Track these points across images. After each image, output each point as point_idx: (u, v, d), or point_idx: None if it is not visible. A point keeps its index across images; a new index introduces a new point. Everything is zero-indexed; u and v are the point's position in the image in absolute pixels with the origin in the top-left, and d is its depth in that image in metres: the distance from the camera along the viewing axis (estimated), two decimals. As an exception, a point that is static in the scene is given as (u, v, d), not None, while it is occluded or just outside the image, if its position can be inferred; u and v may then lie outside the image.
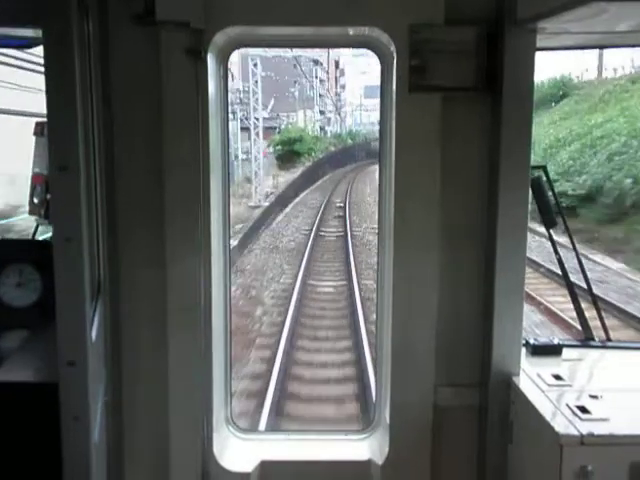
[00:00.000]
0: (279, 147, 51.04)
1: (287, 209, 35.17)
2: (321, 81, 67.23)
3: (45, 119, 2.61)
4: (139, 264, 3.78)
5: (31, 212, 3.87)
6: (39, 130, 3.72)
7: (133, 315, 3.80)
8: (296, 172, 45.88)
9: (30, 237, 4.00)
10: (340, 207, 34.97)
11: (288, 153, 50.49)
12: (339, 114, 76.66)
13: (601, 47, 6.93)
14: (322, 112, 70.84)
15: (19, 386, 2.85)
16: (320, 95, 67.93)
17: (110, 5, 3.53)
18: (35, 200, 3.78)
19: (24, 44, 3.59)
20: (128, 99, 3.65)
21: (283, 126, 56.52)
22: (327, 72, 68.52)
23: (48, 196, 3.76)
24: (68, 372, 2.64)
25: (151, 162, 3.68)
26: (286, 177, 43.44)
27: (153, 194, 3.70)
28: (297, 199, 38.64)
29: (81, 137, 2.64)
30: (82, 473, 2.72)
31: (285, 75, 52.41)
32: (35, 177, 3.84)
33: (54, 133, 2.59)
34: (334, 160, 55.49)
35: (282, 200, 35.87)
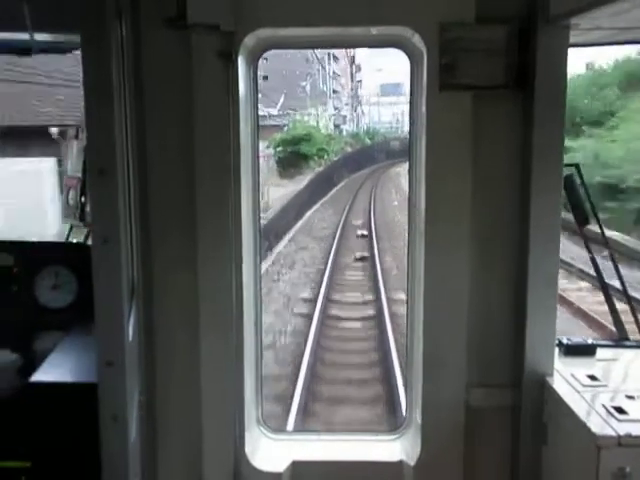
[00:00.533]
0: (280, 148, 39.24)
1: (279, 247, 22.22)
2: (336, 76, 64.27)
3: (78, 124, 2.65)
4: (172, 266, 3.82)
5: (65, 214, 3.93)
6: (74, 134, 3.78)
7: (166, 316, 3.84)
8: (302, 180, 34.92)
9: (64, 239, 4.06)
10: (363, 236, 23.66)
11: (293, 155, 39.67)
12: (355, 111, 73.24)
13: (634, 43, 6.83)
14: (337, 109, 66.59)
15: (57, 386, 2.90)
16: (335, 91, 64.65)
17: (142, 9, 3.57)
18: (70, 203, 3.84)
19: (62, 50, 3.65)
20: (160, 102, 3.69)
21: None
22: (349, 60, 64.82)
23: (82, 199, 3.82)
24: (107, 372, 2.67)
25: (183, 165, 3.72)
26: (288, 188, 31.67)
27: (185, 197, 3.73)
28: (299, 224, 27.14)
29: (118, 140, 2.68)
30: (120, 472, 2.75)
31: (297, 70, 47.01)
32: (69, 180, 3.90)
33: (92, 137, 2.63)
34: (351, 162, 49.40)
35: (274, 229, 22.54)
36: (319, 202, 32.85)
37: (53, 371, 3.00)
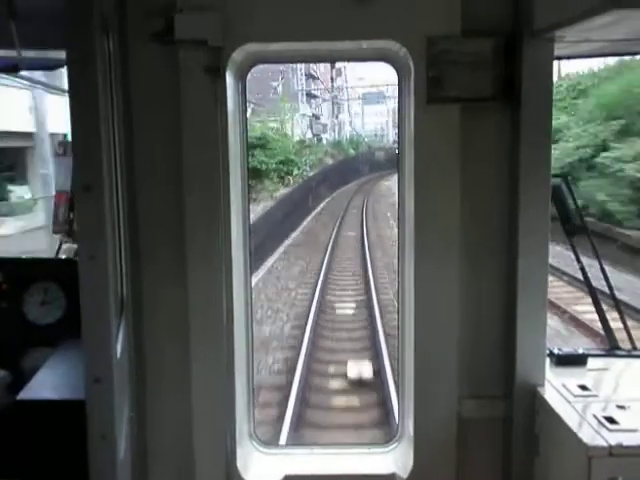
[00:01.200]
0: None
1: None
2: (313, 78, 60.07)
3: (67, 139, 2.65)
4: (161, 282, 3.81)
5: (55, 231, 3.92)
6: (62, 150, 3.78)
7: (156, 332, 3.82)
8: (258, 207, 23.12)
9: (54, 255, 4.05)
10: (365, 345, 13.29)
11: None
12: (337, 118, 70.07)
13: (624, 54, 6.88)
14: (317, 117, 62.33)
15: (45, 404, 2.87)
16: (313, 95, 59.84)
17: (130, 24, 3.58)
18: (59, 219, 3.83)
19: (49, 66, 3.65)
20: (148, 117, 3.70)
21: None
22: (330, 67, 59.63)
23: (71, 215, 3.81)
24: (95, 389, 2.66)
25: (172, 180, 3.72)
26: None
27: (174, 212, 3.73)
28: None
29: (105, 156, 2.68)
30: None
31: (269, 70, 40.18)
32: (58, 196, 3.89)
33: (79, 153, 2.63)
34: (334, 176, 43.75)
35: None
36: (282, 246, 21.47)
37: (41, 388, 2.98)
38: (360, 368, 11.77)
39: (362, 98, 72.65)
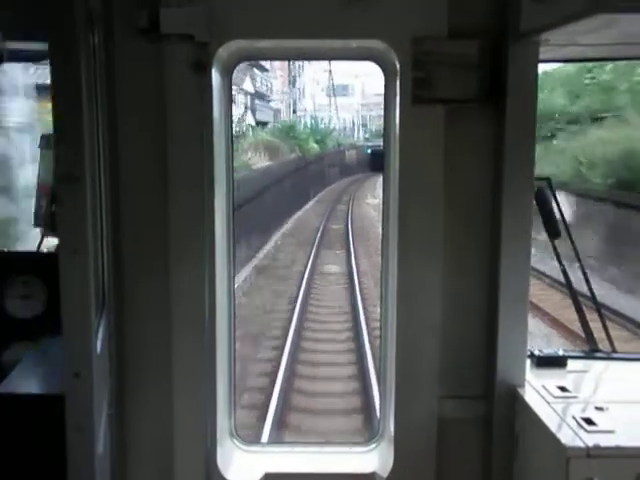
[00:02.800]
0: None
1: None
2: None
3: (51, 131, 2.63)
4: (143, 277, 3.79)
5: (36, 224, 3.88)
6: (44, 142, 3.74)
7: (137, 328, 3.80)
8: None
9: (35, 249, 4.01)
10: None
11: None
12: (294, 106, 63.24)
13: (613, 59, 6.92)
14: (262, 96, 49.17)
15: (24, 398, 2.85)
16: (262, 68, 45.55)
17: (115, 18, 3.56)
18: (41, 211, 3.79)
19: (33, 58, 3.62)
20: (133, 111, 3.68)
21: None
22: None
23: (53, 208, 3.78)
24: (74, 384, 2.64)
25: (156, 174, 3.70)
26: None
27: (157, 207, 3.71)
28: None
29: (87, 149, 2.66)
30: None
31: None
32: (40, 188, 3.85)
33: (60, 145, 2.61)
34: (279, 193, 28.40)
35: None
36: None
37: (20, 382, 2.96)
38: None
39: (328, 91, 69.76)
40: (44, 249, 3.99)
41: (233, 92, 4.20)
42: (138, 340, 3.81)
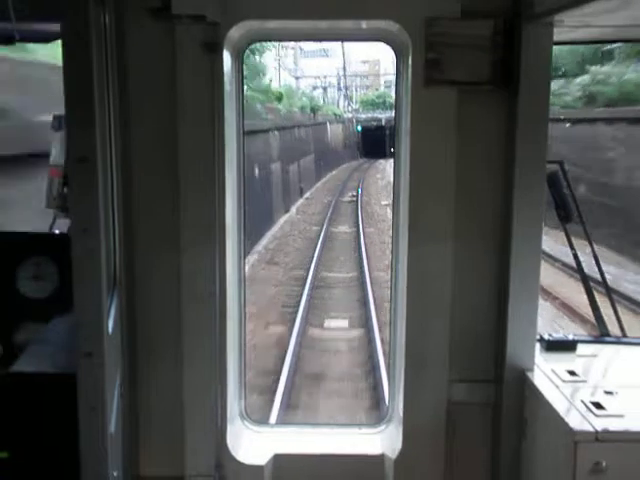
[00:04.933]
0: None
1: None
2: None
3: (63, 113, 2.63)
4: (154, 257, 3.81)
5: (49, 205, 3.90)
6: (57, 124, 3.75)
7: (148, 307, 3.83)
8: None
9: (47, 230, 4.03)
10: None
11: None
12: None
13: (627, 41, 6.84)
14: None
15: (36, 376, 2.88)
16: None
17: None
18: (53, 193, 3.81)
19: (45, 38, 3.61)
20: (144, 92, 3.67)
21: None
22: None
23: (65, 189, 3.79)
24: (86, 363, 2.66)
25: (167, 154, 3.71)
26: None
27: (169, 186, 3.72)
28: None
29: (99, 129, 2.67)
30: (99, 462, 2.75)
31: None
32: (52, 170, 3.86)
33: (72, 126, 2.61)
34: None
35: None
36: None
37: (33, 361, 2.99)
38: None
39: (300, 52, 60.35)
40: (56, 230, 4.01)
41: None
42: (149, 320, 3.83)
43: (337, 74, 67.39)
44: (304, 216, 30.42)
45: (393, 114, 4.16)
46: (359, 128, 63.26)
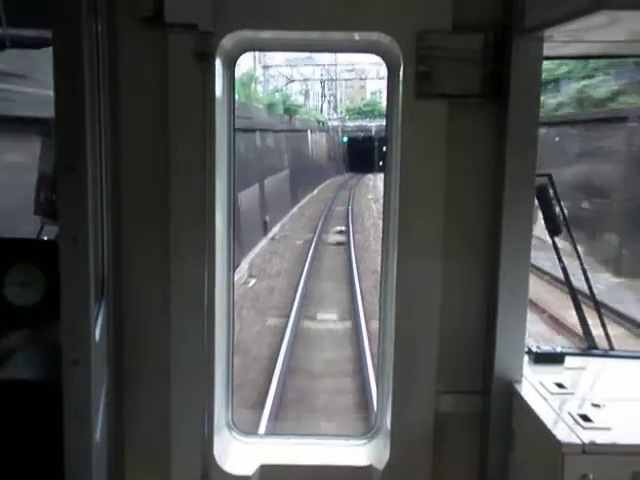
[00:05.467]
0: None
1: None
2: None
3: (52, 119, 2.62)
4: (143, 265, 3.79)
5: (37, 212, 3.88)
6: (46, 130, 3.73)
7: (136, 316, 3.81)
8: None
9: (35, 237, 4.01)
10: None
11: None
12: None
13: (617, 57, 6.90)
14: None
15: (22, 384, 2.86)
16: None
17: (119, 7, 3.54)
18: (41, 200, 3.78)
19: (36, 44, 3.60)
20: (135, 100, 3.67)
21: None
22: None
23: (53, 196, 3.77)
24: (72, 371, 2.64)
25: (157, 164, 3.70)
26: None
27: (159, 196, 3.71)
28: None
29: (89, 137, 2.66)
30: (84, 473, 2.72)
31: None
32: (41, 177, 3.84)
33: (62, 133, 2.60)
34: None
35: None
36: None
37: (18, 369, 2.96)
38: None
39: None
40: (44, 237, 3.98)
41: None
42: (137, 328, 3.81)
43: (320, 77, 59.49)
44: (260, 284, 17.41)
45: (383, 123, 4.19)
46: (345, 139, 58.58)
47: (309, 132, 47.00)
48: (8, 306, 3.63)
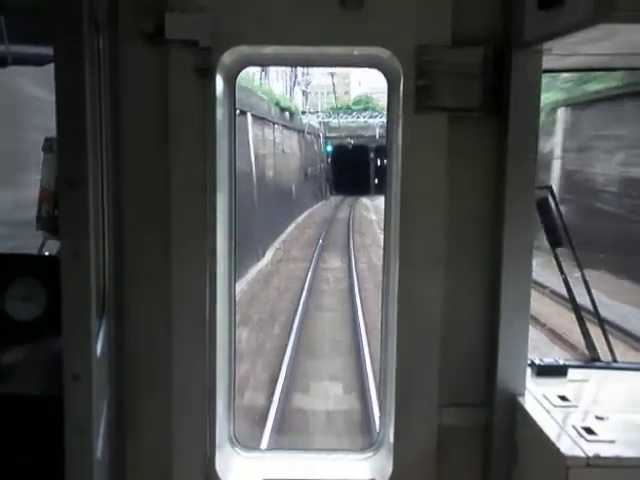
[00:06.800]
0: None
1: None
2: None
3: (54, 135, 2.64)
4: (144, 281, 3.79)
5: (39, 227, 3.90)
6: (48, 146, 3.76)
7: (138, 331, 3.80)
8: None
9: (37, 252, 4.02)
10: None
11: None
12: None
13: (616, 69, 6.91)
14: None
15: (23, 399, 2.86)
16: None
17: (120, 23, 3.57)
18: (43, 215, 3.80)
19: (38, 61, 3.63)
20: (137, 116, 3.69)
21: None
22: None
23: (55, 211, 3.79)
24: (73, 386, 2.64)
25: (158, 178, 3.71)
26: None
27: (160, 211, 3.72)
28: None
29: (90, 153, 2.67)
30: None
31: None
32: (43, 192, 3.86)
33: (64, 149, 2.62)
34: None
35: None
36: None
37: (20, 384, 2.96)
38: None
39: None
40: (46, 252, 4.00)
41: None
42: (138, 343, 3.80)
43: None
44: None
45: (377, 121, 4.19)
46: (329, 148, 42.53)
47: (249, 118, 25.22)
48: (10, 321, 3.64)
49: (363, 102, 49.45)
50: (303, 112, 40.72)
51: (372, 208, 33.27)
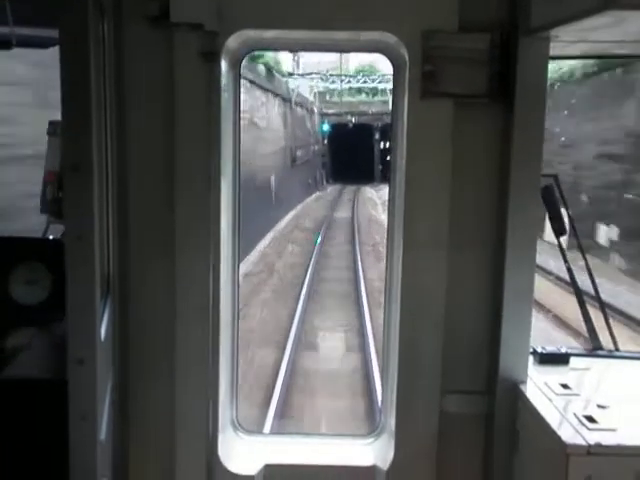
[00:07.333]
0: None
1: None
2: None
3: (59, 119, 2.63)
4: (148, 264, 3.80)
5: (43, 210, 3.89)
6: (52, 129, 3.74)
7: (141, 315, 3.81)
8: None
9: (41, 235, 4.02)
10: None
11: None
12: None
13: (623, 57, 6.87)
14: None
15: (27, 382, 2.87)
16: None
17: (125, 6, 3.55)
18: (47, 198, 3.80)
19: (42, 44, 3.61)
20: (142, 99, 3.68)
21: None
22: None
23: (60, 194, 3.78)
24: (77, 370, 2.65)
25: (163, 162, 3.71)
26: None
27: (164, 194, 3.72)
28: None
29: (95, 137, 2.66)
30: (88, 471, 2.73)
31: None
32: (48, 174, 3.86)
33: (68, 133, 2.61)
34: None
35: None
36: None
37: (24, 367, 2.97)
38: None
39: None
40: (50, 235, 4.00)
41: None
42: (142, 327, 3.82)
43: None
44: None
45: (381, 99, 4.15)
46: (325, 127, 37.15)
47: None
48: (14, 305, 3.65)
49: (367, 72, 42.99)
50: (290, 74, 33.17)
51: (380, 202, 28.28)
